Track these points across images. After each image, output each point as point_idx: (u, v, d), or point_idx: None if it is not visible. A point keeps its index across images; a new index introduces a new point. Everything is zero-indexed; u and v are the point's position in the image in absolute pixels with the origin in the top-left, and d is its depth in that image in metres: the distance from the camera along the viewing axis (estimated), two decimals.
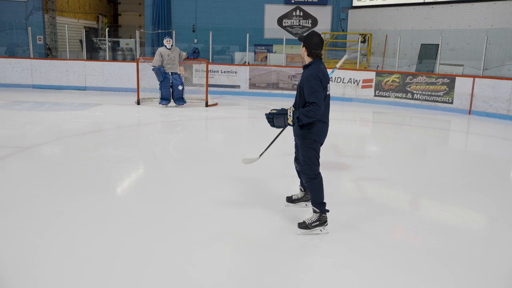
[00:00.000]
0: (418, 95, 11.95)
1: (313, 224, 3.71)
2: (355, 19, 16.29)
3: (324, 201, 3.77)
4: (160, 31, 16.01)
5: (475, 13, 12.91)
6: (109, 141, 7.29)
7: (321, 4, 16.43)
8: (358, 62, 13.50)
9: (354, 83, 12.83)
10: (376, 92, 12.59)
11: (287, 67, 13.69)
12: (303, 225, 3.73)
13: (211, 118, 9.65)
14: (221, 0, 16.50)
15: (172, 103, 10.81)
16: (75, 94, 12.65)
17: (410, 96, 12.08)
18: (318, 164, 3.75)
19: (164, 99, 10.65)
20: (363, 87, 12.76)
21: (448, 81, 11.44)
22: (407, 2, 14.61)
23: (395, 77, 12.30)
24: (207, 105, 11.07)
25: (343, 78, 12.92)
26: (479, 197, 5.01)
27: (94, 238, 3.57)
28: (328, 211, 3.76)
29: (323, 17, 16.56)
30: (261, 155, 4.38)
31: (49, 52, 17.05)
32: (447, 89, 11.46)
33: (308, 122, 3.54)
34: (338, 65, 4.77)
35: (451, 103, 11.41)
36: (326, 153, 6.84)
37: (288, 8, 16.58)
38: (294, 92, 13.16)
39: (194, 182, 5.13)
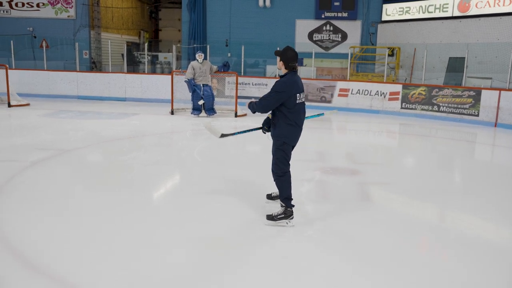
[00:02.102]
0: (444, 107, 12.07)
1: (278, 217, 4.15)
2: (384, 33, 16.55)
3: (292, 197, 4.20)
4: (195, 45, 16.84)
5: (504, 27, 12.93)
6: (141, 146, 7.97)
7: (351, 19, 16.80)
8: (385, 75, 13.75)
9: (381, 95, 13.08)
10: (403, 105, 12.79)
11: (315, 79, 14.12)
12: (269, 217, 4.19)
13: (238, 128, 10.20)
14: (254, 16, 17.19)
15: (203, 113, 11.45)
16: (115, 104, 13.57)
17: (436, 109, 12.22)
18: (286, 164, 4.20)
19: (196, 110, 11.32)
20: (390, 99, 13.00)
21: (474, 94, 11.53)
22: (436, 16, 14.76)
23: (422, 90, 12.48)
24: (236, 116, 11.64)
25: (370, 91, 13.20)
26: (494, 207, 5.25)
27: (117, 227, 4.15)
28: (293, 205, 4.20)
29: (353, 31, 16.92)
30: (223, 135, 4.70)
31: (93, 65, 18.24)
32: (473, 101, 11.54)
33: (260, 112, 4.17)
34: (325, 114, 5.18)
35: (477, 115, 11.47)
36: (342, 160, 7.23)
37: (319, 23, 17.05)
38: (322, 104, 13.62)
39: (206, 181, 5.65)
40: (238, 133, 5.01)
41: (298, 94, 4.07)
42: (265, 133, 4.46)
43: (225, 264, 3.44)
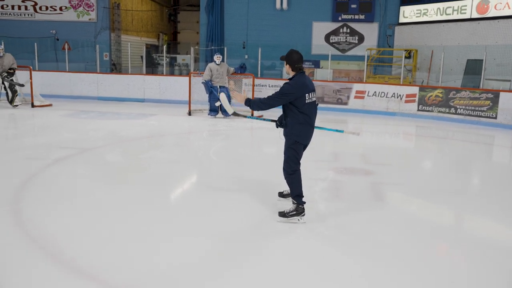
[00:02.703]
0: (462, 110, 12.00)
1: (290, 214, 4.26)
2: (401, 35, 16.49)
3: (303, 194, 4.30)
4: (213, 47, 17.04)
5: None
6: (159, 146, 8.17)
7: (368, 21, 16.79)
8: (402, 77, 13.73)
9: (397, 97, 13.06)
10: (419, 107, 12.75)
11: (332, 81, 14.17)
12: (281, 214, 4.30)
13: (254, 128, 10.35)
14: (271, 18, 17.32)
15: (220, 114, 11.61)
16: (134, 105, 13.85)
17: (453, 111, 12.15)
18: (296, 163, 4.31)
19: (212, 111, 11.50)
20: (406, 101, 12.97)
21: (492, 96, 11.44)
22: (454, 18, 14.66)
23: (439, 92, 12.42)
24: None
25: (387, 93, 13.20)
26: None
27: (135, 222, 4.32)
28: (304, 202, 4.29)
29: (370, 33, 16.90)
30: (236, 113, 4.91)
31: (113, 67, 18.59)
32: (490, 104, 11.45)
33: (262, 109, 4.30)
34: (344, 132, 5.22)
35: (495, 118, 11.38)
36: (357, 161, 7.30)
37: (336, 25, 17.08)
38: (339, 106, 13.67)
39: (221, 179, 5.79)
40: (250, 117, 5.28)
41: (307, 94, 4.18)
42: (277, 127, 4.53)
43: (238, 257, 3.57)
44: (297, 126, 4.23)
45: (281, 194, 4.91)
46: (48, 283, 3.10)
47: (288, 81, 4.28)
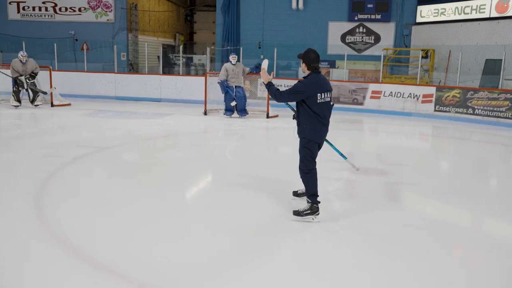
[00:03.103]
0: (480, 110, 11.85)
1: (304, 212, 4.29)
2: (418, 35, 16.35)
3: (318, 193, 4.32)
4: (229, 47, 17.13)
5: None
6: (175, 145, 8.27)
7: (384, 20, 16.68)
8: (418, 78, 13.61)
9: (414, 97, 12.96)
10: (436, 107, 12.63)
11: (348, 81, 14.13)
12: (296, 213, 4.33)
13: (269, 128, 10.38)
14: (286, 18, 17.34)
15: (235, 114, 11.68)
16: (150, 105, 14.00)
17: (471, 112, 12.00)
18: (312, 162, 4.34)
19: (228, 110, 11.57)
20: (423, 101, 12.86)
21: (511, 96, 11.27)
22: (472, 17, 14.48)
23: (456, 92, 12.29)
24: (268, 117, 11.82)
25: (403, 93, 13.10)
26: None
27: (153, 218, 4.40)
28: (319, 202, 4.31)
29: (386, 33, 16.79)
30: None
31: (131, 67, 18.83)
32: (510, 104, 11.29)
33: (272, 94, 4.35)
34: (345, 157, 5.12)
35: None
36: (372, 161, 7.28)
37: (352, 25, 17.02)
38: (355, 106, 13.62)
39: (236, 178, 5.84)
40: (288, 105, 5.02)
41: (319, 94, 4.19)
42: (293, 119, 4.53)
43: (251, 254, 3.61)
44: (309, 125, 4.26)
45: (296, 193, 4.94)
46: (69, 276, 3.19)
47: (302, 79, 4.32)
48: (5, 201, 4.69)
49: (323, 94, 4.22)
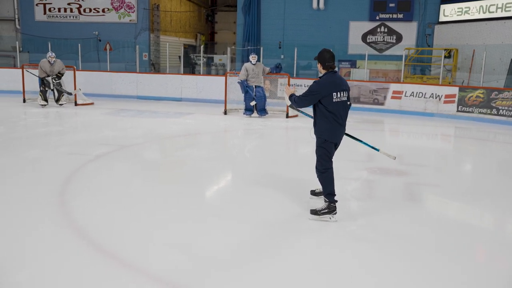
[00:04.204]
0: (504, 111, 11.62)
1: (321, 212, 4.30)
2: (441, 34, 16.10)
3: (335, 192, 4.32)
4: (249, 47, 17.19)
5: None
6: (195, 144, 8.37)
7: (406, 20, 16.49)
8: (441, 78, 13.42)
9: (436, 98, 12.79)
10: (459, 108, 12.43)
11: (368, 81, 14.02)
12: (313, 212, 4.34)
13: (289, 128, 10.39)
14: (307, 18, 17.29)
15: (255, 113, 11.72)
16: (171, 104, 14.17)
17: (495, 112, 11.78)
18: (328, 161, 4.35)
19: (248, 110, 11.63)
20: (445, 102, 12.67)
21: None
22: (497, 16, 14.19)
23: (479, 93, 12.07)
24: (287, 116, 11.83)
25: (425, 93, 12.93)
26: None
27: (172, 214, 4.48)
28: (336, 201, 4.32)
29: (408, 32, 16.59)
30: (292, 106, 4.88)
31: (152, 67, 19.08)
32: None
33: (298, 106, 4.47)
34: (377, 149, 5.11)
35: None
36: (391, 161, 7.22)
37: (373, 24, 16.87)
38: (375, 107, 13.51)
39: (254, 176, 5.87)
40: (303, 113, 5.23)
41: (335, 93, 4.19)
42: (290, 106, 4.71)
43: (269, 251, 3.65)
44: (325, 125, 4.27)
45: (313, 192, 4.96)
46: (89, 269, 3.28)
47: (317, 81, 4.35)
48: (31, 196, 4.84)
49: (339, 93, 4.22)
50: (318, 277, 3.28)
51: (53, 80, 12.28)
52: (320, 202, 4.53)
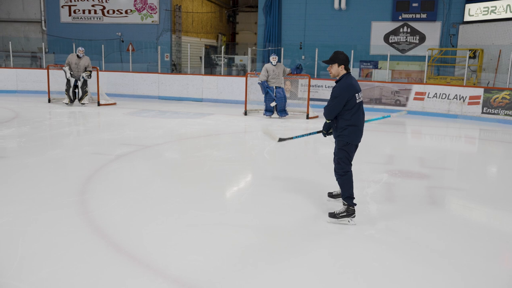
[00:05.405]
0: None
1: (340, 215, 4.25)
2: (466, 34, 15.77)
3: (354, 195, 4.28)
4: (270, 48, 17.18)
5: None
6: (214, 144, 8.40)
7: (430, 20, 16.21)
8: (465, 79, 13.15)
9: (460, 99, 12.54)
10: (484, 109, 12.16)
11: (390, 82, 13.84)
12: (332, 215, 4.30)
13: (309, 129, 10.32)
14: (329, 19, 17.18)
15: (275, 114, 11.71)
16: (192, 105, 14.27)
17: None
18: (348, 164, 4.31)
19: (268, 111, 11.62)
20: (469, 103, 12.42)
21: None
22: None
23: (506, 94, 11.78)
24: (307, 117, 11.78)
25: (448, 95, 12.70)
26: None
27: (191, 214, 4.50)
28: (355, 204, 4.27)
29: (432, 33, 16.30)
30: (281, 139, 5.09)
31: (173, 67, 19.26)
32: None
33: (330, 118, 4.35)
34: (391, 116, 5.08)
35: None
36: (413, 164, 7.11)
37: (395, 24, 16.64)
38: (397, 108, 13.34)
39: (273, 178, 5.86)
40: (296, 137, 5.18)
41: (356, 94, 4.20)
42: (325, 136, 4.62)
43: (286, 253, 3.62)
44: (348, 127, 4.24)
45: (331, 195, 4.92)
46: (107, 269, 3.32)
47: (335, 84, 4.30)
48: (52, 195, 4.93)
49: (358, 94, 4.23)
50: (336, 281, 3.25)
51: (83, 77, 12.63)
52: (338, 205, 4.48)
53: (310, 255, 3.64)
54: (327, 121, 4.43)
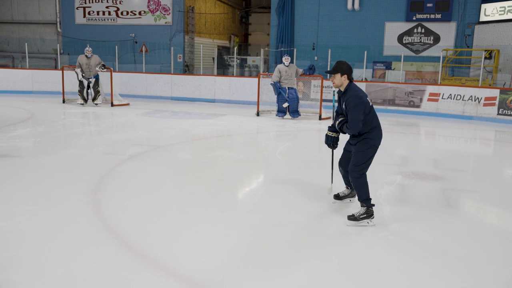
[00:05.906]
0: None
1: (361, 217, 4.22)
2: (481, 35, 15.56)
3: (370, 196, 4.26)
4: (283, 49, 17.16)
5: None
6: (227, 145, 8.40)
7: (444, 20, 16.03)
8: (480, 79, 12.97)
9: (475, 100, 12.37)
10: (500, 111, 11.98)
11: (404, 83, 13.72)
12: (351, 218, 4.25)
13: (322, 130, 10.27)
14: (342, 19, 17.09)
15: (288, 115, 11.68)
16: (205, 105, 14.31)
17: None
18: (366, 167, 4.29)
19: (280, 112, 11.59)
20: (485, 105, 12.24)
21: None
22: None
23: None
24: (320, 118, 11.73)
25: (463, 96, 12.54)
26: None
27: (202, 214, 4.50)
28: (373, 205, 4.26)
29: (446, 33, 16.12)
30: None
31: (186, 68, 19.34)
32: None
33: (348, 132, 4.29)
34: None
35: None
36: (427, 165, 7.03)
37: (409, 25, 16.49)
38: (411, 109, 13.23)
39: (286, 179, 5.83)
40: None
41: (367, 98, 4.27)
42: (330, 138, 4.67)
43: (298, 254, 3.60)
44: (373, 130, 4.26)
45: (337, 197, 4.87)
46: (119, 268, 3.33)
47: (349, 94, 4.25)
48: (65, 195, 4.97)
49: (368, 98, 4.30)
50: (349, 282, 3.21)
51: (98, 70, 12.77)
52: (355, 207, 4.45)
53: (323, 258, 3.61)
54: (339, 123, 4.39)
